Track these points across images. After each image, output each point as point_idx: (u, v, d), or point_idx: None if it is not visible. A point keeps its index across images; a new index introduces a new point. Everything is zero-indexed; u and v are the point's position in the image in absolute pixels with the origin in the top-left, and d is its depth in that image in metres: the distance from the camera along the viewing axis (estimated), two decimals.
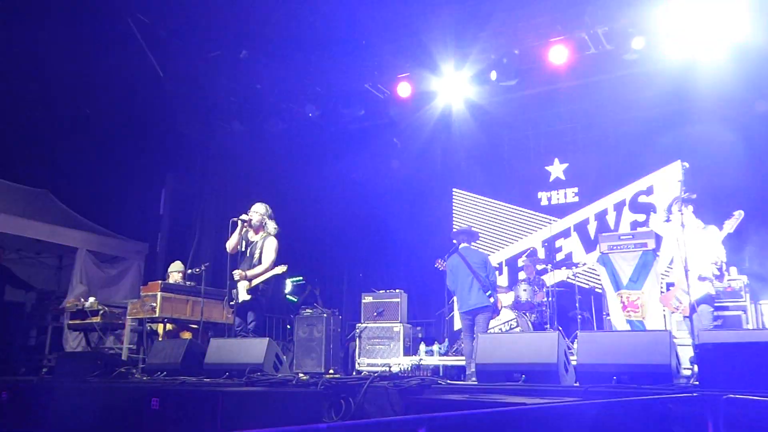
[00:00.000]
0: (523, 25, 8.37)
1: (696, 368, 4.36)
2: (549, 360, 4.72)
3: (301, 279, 10.95)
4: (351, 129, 10.80)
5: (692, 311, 5.90)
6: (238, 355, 5.81)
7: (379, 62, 9.47)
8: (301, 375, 5.52)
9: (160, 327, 7.84)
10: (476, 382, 5.23)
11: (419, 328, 9.64)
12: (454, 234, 7.89)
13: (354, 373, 8.20)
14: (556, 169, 10.36)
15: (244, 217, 6.74)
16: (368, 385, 4.54)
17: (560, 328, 7.89)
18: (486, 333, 7.01)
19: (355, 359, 9.10)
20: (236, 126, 10.33)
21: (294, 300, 10.60)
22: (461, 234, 7.78)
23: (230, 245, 6.73)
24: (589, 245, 9.70)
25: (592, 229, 9.86)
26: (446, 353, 8.74)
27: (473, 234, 7.91)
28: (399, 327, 8.92)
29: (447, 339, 9.18)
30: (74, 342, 9.10)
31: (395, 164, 11.17)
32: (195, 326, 7.72)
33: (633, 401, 3.29)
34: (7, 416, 5.56)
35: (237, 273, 6.56)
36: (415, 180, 11.29)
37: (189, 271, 8.01)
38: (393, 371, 7.31)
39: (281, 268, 6.62)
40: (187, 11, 8.61)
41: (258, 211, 6.81)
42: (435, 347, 8.82)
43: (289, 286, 10.83)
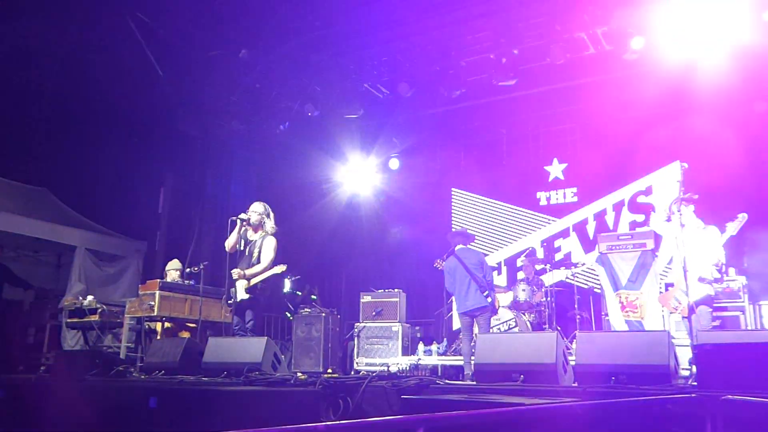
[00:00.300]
0: (523, 25, 8.36)
1: (694, 369, 4.37)
2: (547, 360, 4.72)
3: (299, 279, 10.92)
4: (350, 127, 10.81)
5: (691, 312, 5.90)
6: (237, 354, 5.81)
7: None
8: (300, 374, 5.50)
9: (159, 326, 7.82)
10: (475, 382, 5.23)
11: (418, 328, 9.64)
12: (450, 236, 7.89)
13: (352, 373, 8.19)
14: (555, 169, 10.35)
15: (243, 216, 6.74)
16: (366, 385, 4.55)
17: (559, 328, 7.90)
18: (486, 333, 7.01)
19: (354, 359, 9.09)
20: (235, 125, 10.33)
21: (298, 294, 10.52)
22: (457, 236, 7.79)
23: (229, 244, 6.73)
24: (588, 245, 9.69)
25: (591, 229, 9.85)
26: (445, 353, 8.73)
27: (469, 236, 7.93)
28: (398, 327, 8.92)
29: (445, 339, 9.18)
30: (72, 340, 9.08)
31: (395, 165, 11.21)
32: (193, 325, 7.72)
33: (631, 402, 3.29)
34: (5, 414, 5.54)
35: (236, 272, 6.56)
36: (415, 180, 11.28)
37: (188, 270, 8.01)
38: (391, 371, 7.32)
39: (280, 268, 6.62)
40: (187, 10, 8.62)
41: (257, 210, 6.80)
42: (433, 347, 8.81)
43: (288, 286, 10.80)
